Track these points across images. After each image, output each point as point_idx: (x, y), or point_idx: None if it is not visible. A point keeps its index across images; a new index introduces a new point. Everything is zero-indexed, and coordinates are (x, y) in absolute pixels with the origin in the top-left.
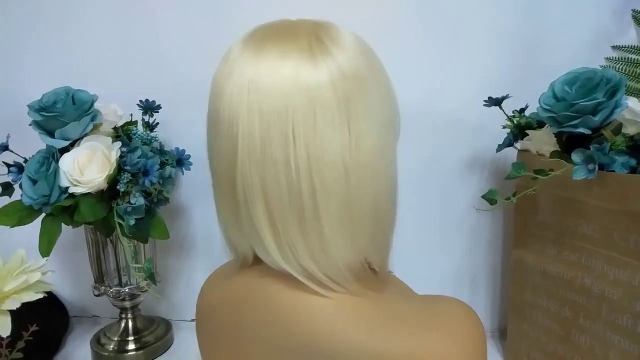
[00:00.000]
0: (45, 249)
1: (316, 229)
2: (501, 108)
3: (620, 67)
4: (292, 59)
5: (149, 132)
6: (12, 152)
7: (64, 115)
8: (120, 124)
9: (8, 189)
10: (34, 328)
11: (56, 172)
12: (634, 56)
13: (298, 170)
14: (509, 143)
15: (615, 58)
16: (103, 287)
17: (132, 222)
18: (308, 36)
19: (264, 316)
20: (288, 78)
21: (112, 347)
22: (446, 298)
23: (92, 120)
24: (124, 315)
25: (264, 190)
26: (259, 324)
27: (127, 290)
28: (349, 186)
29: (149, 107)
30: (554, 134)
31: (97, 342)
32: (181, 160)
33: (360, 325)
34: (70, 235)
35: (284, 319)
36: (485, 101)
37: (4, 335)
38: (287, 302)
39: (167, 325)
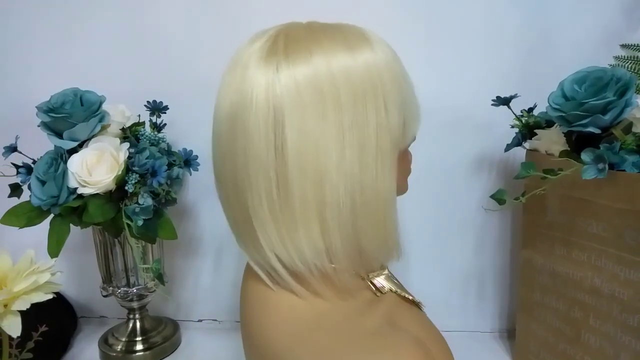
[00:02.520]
0: (54, 249)
1: (250, 220)
2: (509, 107)
3: (629, 66)
4: (245, 59)
5: (156, 132)
6: (20, 153)
7: (72, 116)
8: (128, 124)
9: (17, 189)
10: (43, 328)
11: (64, 172)
12: None
13: (235, 165)
14: (517, 142)
15: (624, 57)
16: (111, 288)
17: (140, 223)
18: (270, 38)
19: (241, 303)
20: (237, 77)
21: (119, 347)
22: (406, 337)
23: (100, 121)
24: (131, 316)
25: (218, 176)
26: (241, 311)
27: (135, 291)
28: (276, 187)
29: (156, 108)
30: (563, 133)
31: (105, 342)
32: (188, 161)
33: (281, 323)
34: (77, 235)
35: (244, 306)
36: (493, 100)
37: (15, 336)
38: (248, 291)
39: (175, 326)
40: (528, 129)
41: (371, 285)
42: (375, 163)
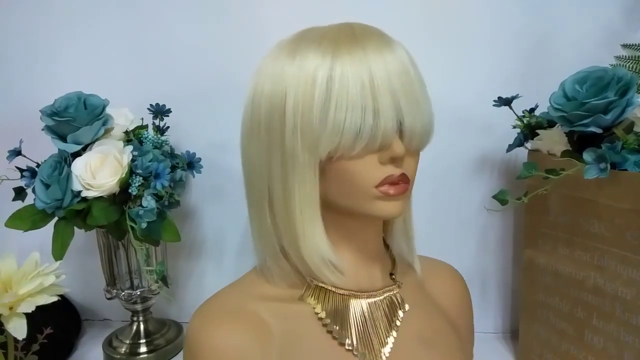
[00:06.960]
0: (58, 252)
1: None
2: (511, 108)
3: (631, 66)
4: None
5: (159, 135)
6: (24, 156)
7: (75, 119)
8: (131, 127)
9: (21, 193)
10: (48, 330)
11: (68, 175)
12: None
13: None
14: (519, 143)
15: (625, 56)
16: (115, 290)
17: (144, 225)
18: None
19: None
20: None
21: (123, 349)
22: (227, 337)
23: (104, 124)
24: (135, 318)
25: None
26: None
27: (139, 293)
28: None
29: (159, 111)
30: (564, 133)
31: (109, 345)
32: (192, 163)
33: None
34: (81, 238)
35: None
36: (494, 101)
37: (20, 338)
38: None
39: (178, 328)
40: (530, 129)
41: (305, 290)
42: (285, 171)
